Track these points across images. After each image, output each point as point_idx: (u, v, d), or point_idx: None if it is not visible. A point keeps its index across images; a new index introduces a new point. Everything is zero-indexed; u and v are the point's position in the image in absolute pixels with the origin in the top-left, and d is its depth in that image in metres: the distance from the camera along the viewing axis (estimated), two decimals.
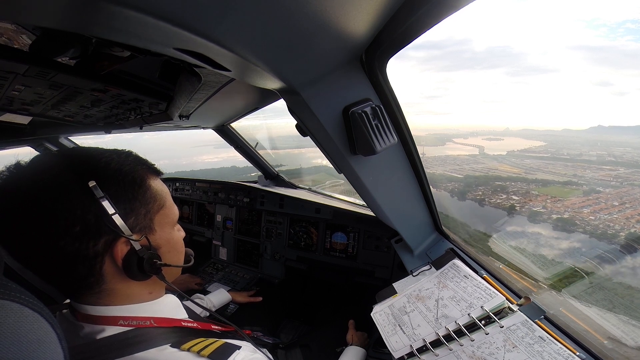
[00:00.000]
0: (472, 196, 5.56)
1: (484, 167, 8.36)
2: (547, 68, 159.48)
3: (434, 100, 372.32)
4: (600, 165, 7.12)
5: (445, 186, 6.09)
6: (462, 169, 8.25)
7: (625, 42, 74.67)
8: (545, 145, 9.84)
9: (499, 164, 8.45)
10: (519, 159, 8.79)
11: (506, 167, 7.85)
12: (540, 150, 9.41)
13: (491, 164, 8.59)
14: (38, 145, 2.12)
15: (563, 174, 7.15)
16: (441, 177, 7.23)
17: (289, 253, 2.17)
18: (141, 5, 0.31)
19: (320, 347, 1.43)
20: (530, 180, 6.67)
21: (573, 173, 6.94)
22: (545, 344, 0.81)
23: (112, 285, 0.57)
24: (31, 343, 0.32)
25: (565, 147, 9.49)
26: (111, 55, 0.61)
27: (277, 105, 1.46)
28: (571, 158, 8.31)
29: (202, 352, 0.56)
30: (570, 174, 6.94)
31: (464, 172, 8.06)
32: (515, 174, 7.53)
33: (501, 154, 10.01)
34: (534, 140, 10.72)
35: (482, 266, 1.20)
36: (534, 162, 8.04)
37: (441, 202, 1.58)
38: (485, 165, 8.49)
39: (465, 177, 7.81)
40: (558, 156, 8.84)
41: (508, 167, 7.99)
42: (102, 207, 0.51)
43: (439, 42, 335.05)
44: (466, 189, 6.09)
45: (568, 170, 7.29)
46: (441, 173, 7.80)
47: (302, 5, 0.43)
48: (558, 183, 6.54)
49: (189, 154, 11.98)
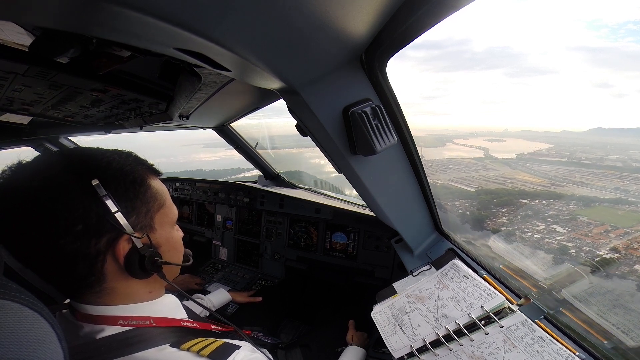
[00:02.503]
0: (494, 225, 3.60)
1: (498, 174, 6.83)
2: (546, 69, 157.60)
3: (432, 101, 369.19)
4: (636, 174, 5.48)
5: (453, 205, 4.06)
6: (470, 178, 6.64)
7: (626, 43, 74.16)
8: (553, 148, 8.76)
9: (513, 171, 6.98)
10: (535, 164, 7.27)
11: (525, 176, 6.29)
12: (552, 153, 7.98)
13: (505, 171, 7.15)
14: (38, 145, 2.12)
15: (601, 187, 5.31)
16: (445, 190, 5.03)
17: (289, 253, 2.17)
18: (141, 5, 0.31)
19: (320, 347, 1.43)
20: (563, 195, 4.99)
21: (615, 186, 5.11)
22: (545, 344, 0.81)
23: (113, 284, 0.57)
24: (31, 343, 0.32)
25: (578, 151, 7.96)
26: (111, 54, 0.61)
27: (277, 104, 1.46)
28: (593, 164, 6.77)
29: (201, 351, 0.56)
30: (610, 186, 5.13)
31: (474, 183, 6.41)
32: (540, 186, 5.82)
33: (510, 157, 8.54)
34: (539, 142, 9.45)
35: (482, 266, 1.20)
36: (555, 169, 6.58)
37: (450, 235, 1.37)
38: (499, 173, 6.97)
39: (478, 191, 5.89)
40: (577, 161, 7.35)
41: (527, 175, 6.39)
42: (105, 206, 0.51)
43: (438, 42, 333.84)
44: (483, 211, 4.08)
45: (604, 181, 5.52)
46: (445, 184, 6.11)
47: (302, 5, 0.43)
48: (604, 202, 4.62)
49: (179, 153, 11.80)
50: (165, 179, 2.35)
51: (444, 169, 7.03)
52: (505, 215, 3.79)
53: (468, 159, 9.05)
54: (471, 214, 3.98)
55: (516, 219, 3.70)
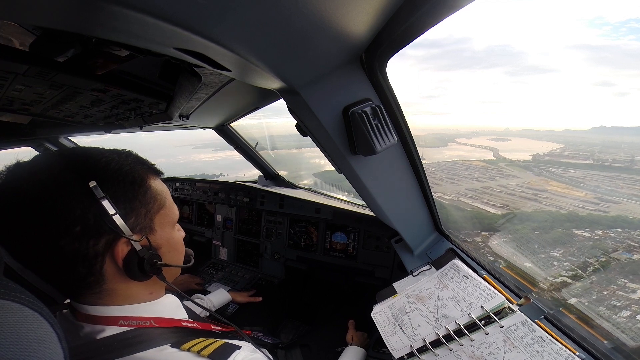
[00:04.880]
0: (557, 292, 1.90)
1: (522, 184, 4.92)
2: (547, 68, 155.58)
3: (432, 100, 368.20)
4: None
5: (474, 242, 2.30)
6: (489, 191, 4.59)
7: (628, 41, 72.62)
8: (567, 147, 7.48)
9: (540, 179, 5.30)
10: (559, 169, 5.55)
11: (559, 187, 4.58)
12: (570, 154, 6.38)
13: (528, 178, 5.37)
14: (38, 145, 2.12)
15: None
16: (458, 213, 3.16)
17: (289, 253, 2.17)
18: (141, 5, 0.31)
19: (320, 347, 1.43)
20: (622, 220, 3.26)
21: None
22: (545, 344, 0.81)
23: (113, 285, 0.57)
24: (31, 343, 0.32)
25: (596, 151, 6.39)
26: (110, 54, 0.61)
27: (277, 104, 1.46)
28: (626, 167, 5.29)
29: (202, 352, 0.56)
30: None
31: (496, 199, 4.37)
32: (586, 202, 3.89)
33: (526, 159, 6.88)
34: (547, 142, 8.15)
35: (482, 266, 1.20)
36: (587, 175, 5.01)
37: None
38: (522, 181, 5.14)
39: (507, 215, 3.66)
40: (605, 163, 5.82)
41: (560, 185, 4.68)
42: (102, 208, 0.51)
43: (438, 41, 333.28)
44: (529, 259, 2.46)
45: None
46: (455, 200, 4.30)
47: (302, 5, 0.43)
48: None
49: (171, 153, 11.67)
50: (165, 179, 2.35)
51: (450, 175, 5.43)
52: (566, 267, 2.18)
53: (477, 161, 7.44)
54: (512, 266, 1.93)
55: (587, 274, 2.11)
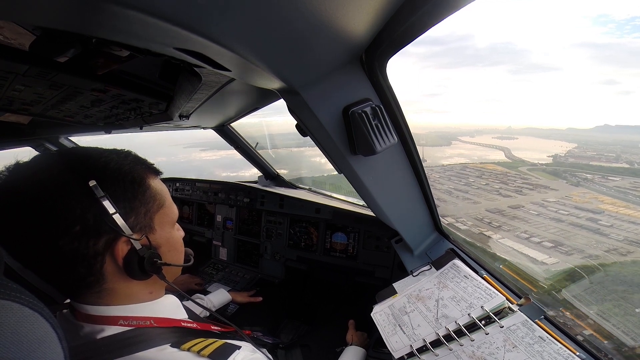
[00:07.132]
0: None
1: (561, 199, 3.47)
2: (550, 66, 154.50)
3: (434, 99, 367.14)
4: None
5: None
6: (522, 214, 3.07)
7: (632, 39, 71.18)
8: (582, 147, 6.57)
9: (578, 190, 3.89)
10: (595, 175, 4.77)
11: (615, 204, 3.25)
12: (592, 155, 5.86)
13: (566, 190, 3.86)
14: (38, 145, 2.12)
15: None
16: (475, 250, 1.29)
17: (289, 253, 2.17)
18: (141, 5, 0.31)
19: (320, 347, 1.43)
20: None
21: None
22: (545, 344, 0.81)
23: (112, 284, 0.57)
24: (31, 343, 0.32)
25: (624, 152, 5.50)
26: (110, 54, 0.61)
27: (277, 103, 1.46)
28: None
29: (202, 352, 0.56)
30: None
31: (538, 228, 3.03)
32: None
33: (547, 161, 6.15)
34: (558, 141, 7.31)
35: (482, 266, 1.20)
36: (634, 185, 4.21)
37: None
38: (560, 194, 3.82)
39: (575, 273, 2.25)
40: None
41: (616, 201, 3.52)
42: (102, 207, 0.51)
43: (440, 38, 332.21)
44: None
45: None
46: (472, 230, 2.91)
47: (302, 5, 0.43)
48: None
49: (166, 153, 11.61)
50: (165, 179, 2.35)
51: (462, 186, 4.11)
52: None
53: (490, 164, 6.53)
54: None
55: None
